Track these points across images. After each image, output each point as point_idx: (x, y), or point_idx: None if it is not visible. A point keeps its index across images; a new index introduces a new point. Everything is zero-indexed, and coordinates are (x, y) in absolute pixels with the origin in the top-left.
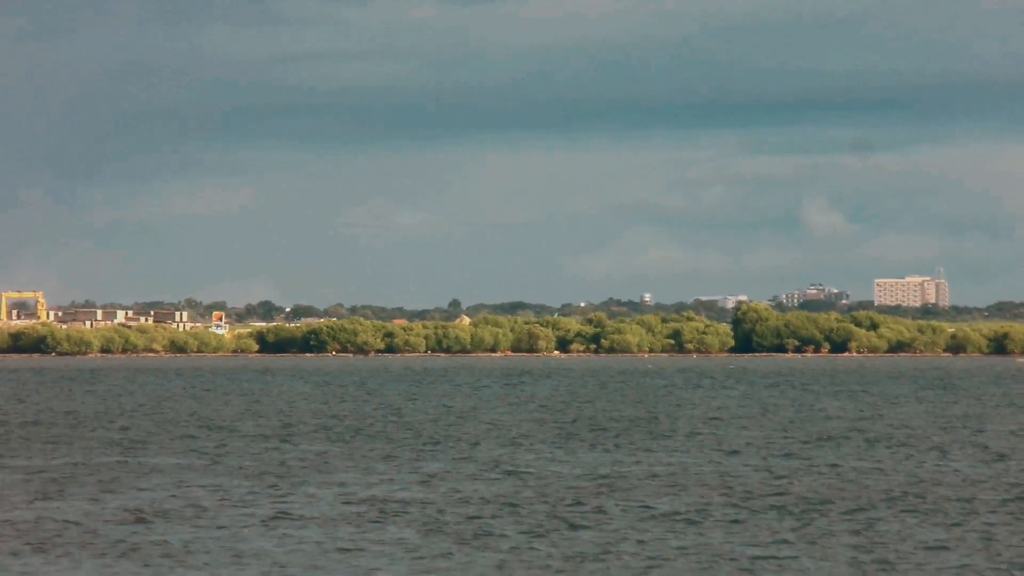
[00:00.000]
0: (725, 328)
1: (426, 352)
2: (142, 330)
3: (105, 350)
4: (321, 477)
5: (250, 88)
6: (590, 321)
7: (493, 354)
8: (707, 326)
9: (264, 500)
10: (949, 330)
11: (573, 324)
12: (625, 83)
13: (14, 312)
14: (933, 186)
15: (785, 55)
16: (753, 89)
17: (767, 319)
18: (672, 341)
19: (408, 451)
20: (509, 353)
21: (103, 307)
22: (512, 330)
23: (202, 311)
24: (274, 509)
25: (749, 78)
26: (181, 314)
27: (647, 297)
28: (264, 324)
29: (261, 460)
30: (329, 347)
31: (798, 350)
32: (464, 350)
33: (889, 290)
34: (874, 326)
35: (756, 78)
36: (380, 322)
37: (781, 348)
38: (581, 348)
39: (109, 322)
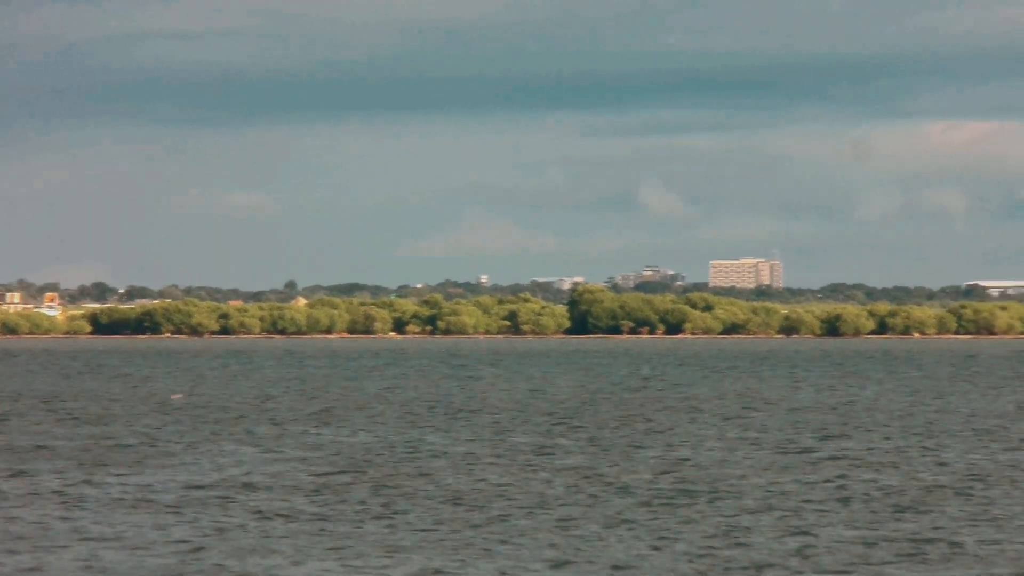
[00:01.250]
0: (561, 310)
1: (261, 334)
2: None
3: None
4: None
5: (82, 68)
6: (426, 303)
7: (329, 336)
8: (543, 307)
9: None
10: (783, 312)
11: (409, 306)
12: (461, 65)
13: None
14: (768, 169)
15: (623, 37)
16: (590, 71)
17: (603, 300)
18: (508, 322)
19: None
20: (345, 335)
21: None
22: (348, 311)
23: (34, 292)
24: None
25: (586, 60)
26: (12, 295)
27: (484, 279)
28: (98, 305)
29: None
30: (164, 329)
31: (633, 331)
32: (300, 332)
33: (724, 272)
34: (709, 308)
35: (593, 60)
36: (215, 303)
37: (617, 329)
38: (417, 330)
39: None
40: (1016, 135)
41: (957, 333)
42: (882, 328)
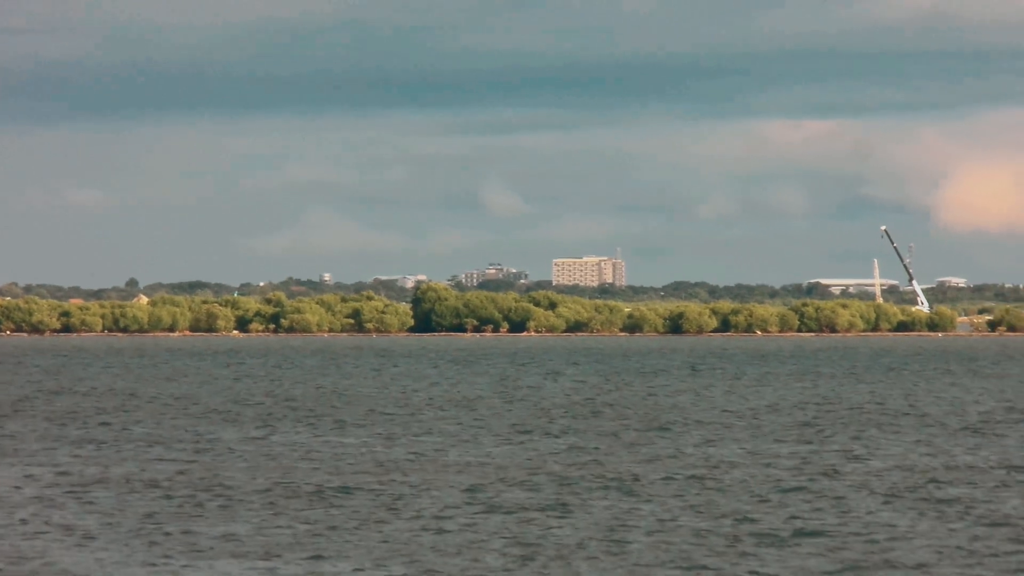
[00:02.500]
0: (405, 308)
1: (103, 331)
2: None
3: None
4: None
5: None
6: (269, 301)
7: (172, 334)
8: (387, 306)
9: None
10: (626, 309)
11: (252, 303)
12: (303, 61)
13: None
14: (611, 167)
15: (463, 35)
16: (431, 69)
17: (446, 299)
18: (352, 320)
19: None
20: (188, 333)
21: None
22: (191, 309)
23: None
24: None
25: (427, 58)
26: None
27: (327, 276)
28: None
29: None
30: (3, 326)
31: (477, 330)
32: (142, 329)
33: (567, 270)
34: (552, 305)
35: (434, 58)
36: (56, 301)
37: (461, 328)
38: (261, 328)
39: None
40: (856, 134)
41: (799, 331)
42: (725, 326)
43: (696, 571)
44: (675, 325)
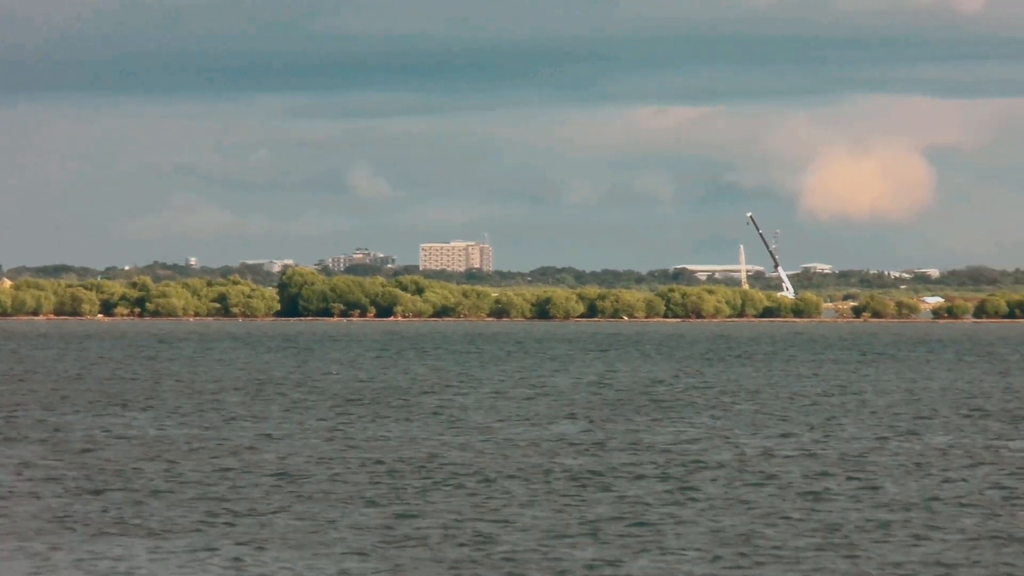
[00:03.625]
0: (271, 292)
1: None
2: None
3: None
4: None
5: None
6: (134, 284)
7: (36, 317)
8: (253, 290)
9: None
10: (493, 295)
11: (117, 287)
12: (168, 44)
13: None
14: (478, 152)
15: (331, 18)
16: (297, 53)
17: (313, 283)
18: (218, 305)
19: None
20: (52, 317)
21: None
22: (55, 293)
23: None
24: None
25: (292, 42)
26: None
27: (193, 260)
28: None
29: None
30: None
31: (344, 314)
32: (5, 313)
33: (435, 255)
34: (420, 290)
35: (300, 42)
36: None
37: (327, 312)
38: (126, 311)
39: None
40: (722, 120)
41: (666, 317)
42: (592, 312)
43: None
44: (542, 310)
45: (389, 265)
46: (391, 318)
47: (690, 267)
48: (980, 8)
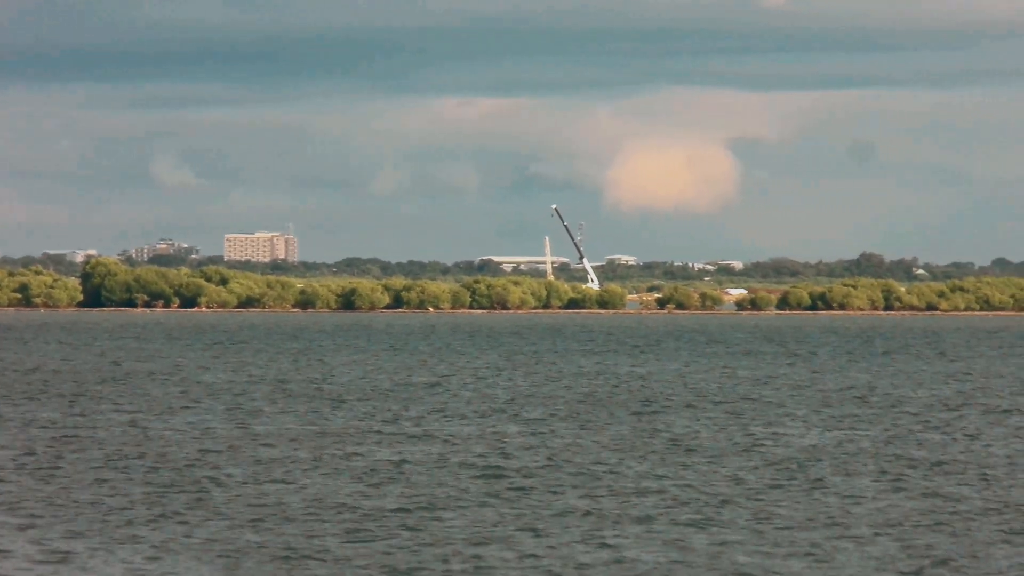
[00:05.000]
0: (74, 283)
1: None
2: None
3: None
4: None
5: None
6: None
7: None
8: (55, 280)
9: None
10: (298, 285)
11: None
12: None
13: None
14: (283, 142)
15: (135, 7)
16: (103, 41)
17: (116, 274)
18: (20, 295)
19: None
20: None
21: None
22: None
23: None
24: None
25: (96, 32)
26: None
27: None
28: None
29: None
30: None
31: (148, 305)
32: None
33: (239, 245)
34: (224, 281)
35: (103, 32)
36: None
37: (131, 303)
38: None
39: None
40: (527, 112)
41: (471, 308)
42: (397, 302)
43: None
44: (348, 301)
45: (193, 256)
46: (195, 309)
47: (496, 258)
48: (783, 2)
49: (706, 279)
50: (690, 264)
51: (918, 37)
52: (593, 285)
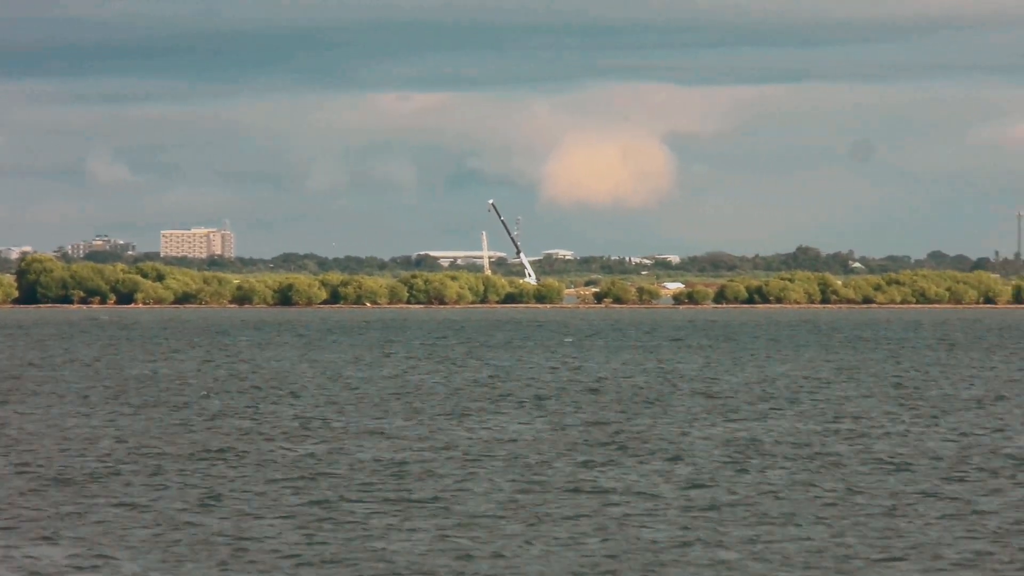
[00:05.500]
0: (9, 279)
1: None
2: None
3: None
4: None
5: None
6: None
7: None
8: None
9: None
10: (235, 281)
11: None
12: None
13: None
14: (220, 138)
15: (72, 4)
16: (39, 38)
17: (52, 270)
18: None
19: None
20: None
21: None
22: None
23: None
24: None
25: (33, 26)
26: None
27: None
28: None
29: None
30: None
31: (84, 301)
32: None
33: (176, 241)
34: (160, 277)
35: (41, 26)
36: None
37: (67, 300)
38: None
39: None
40: (464, 106)
41: (408, 303)
42: (335, 298)
43: None
44: (285, 297)
45: (130, 252)
46: (131, 305)
47: (433, 253)
48: None
49: (643, 273)
50: (627, 258)
51: (853, 31)
52: (530, 280)
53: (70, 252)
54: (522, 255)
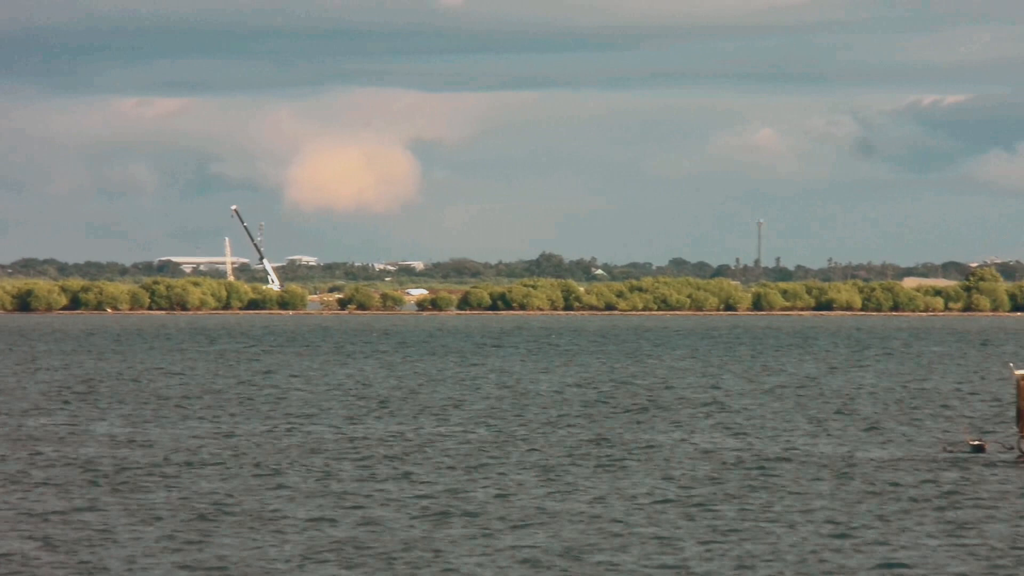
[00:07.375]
0: None
1: None
2: None
3: None
4: None
5: None
6: None
7: None
8: None
9: None
10: None
11: None
12: None
13: None
14: None
15: None
16: None
17: None
18: None
19: None
20: None
21: None
22: None
23: None
24: None
25: None
26: None
27: None
28: None
29: None
30: None
31: None
32: None
33: None
34: None
35: None
36: None
37: None
38: None
39: None
40: (206, 111)
41: (151, 309)
42: (76, 303)
43: None
44: (24, 303)
45: None
46: None
47: (175, 259)
48: (460, 3)
49: (387, 279)
50: (371, 264)
51: (594, 39)
52: (274, 286)
53: None
54: (265, 261)
